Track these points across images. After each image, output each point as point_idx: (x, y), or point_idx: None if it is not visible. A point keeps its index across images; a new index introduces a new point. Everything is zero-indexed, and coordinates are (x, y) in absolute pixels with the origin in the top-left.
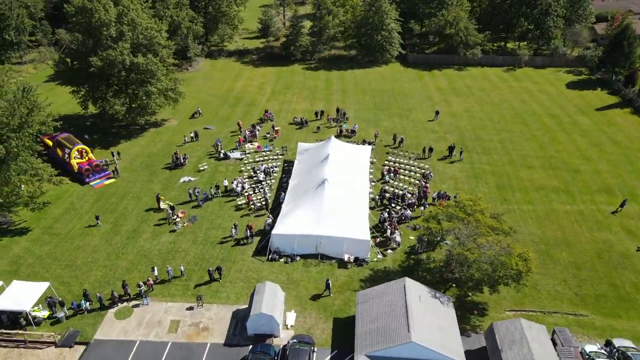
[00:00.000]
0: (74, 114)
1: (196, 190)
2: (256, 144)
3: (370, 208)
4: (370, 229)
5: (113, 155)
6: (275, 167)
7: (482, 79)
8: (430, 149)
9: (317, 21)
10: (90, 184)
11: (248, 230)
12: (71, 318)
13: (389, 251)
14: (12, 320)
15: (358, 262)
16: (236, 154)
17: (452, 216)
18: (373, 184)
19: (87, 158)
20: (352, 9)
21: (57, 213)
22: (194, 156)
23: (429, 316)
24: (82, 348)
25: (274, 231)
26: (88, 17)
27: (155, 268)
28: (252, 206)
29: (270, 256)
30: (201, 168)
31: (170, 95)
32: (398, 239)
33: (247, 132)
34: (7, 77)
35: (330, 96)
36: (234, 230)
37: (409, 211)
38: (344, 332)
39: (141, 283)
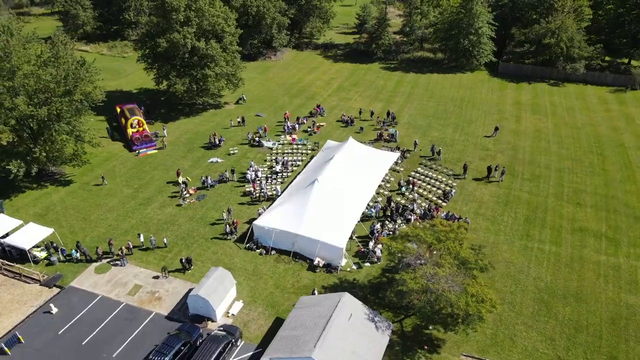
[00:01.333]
0: (155, 88)
1: (209, 179)
2: (294, 136)
3: (369, 217)
4: (354, 238)
5: (164, 129)
6: (299, 161)
7: (576, 98)
8: (465, 167)
9: (406, 20)
10: (136, 152)
11: (228, 226)
12: (63, 263)
13: (367, 264)
14: (20, 255)
15: (328, 268)
16: (269, 143)
17: (421, 239)
18: (386, 193)
19: (141, 129)
20: (444, 10)
21: (98, 172)
22: (233, 140)
23: (350, 337)
24: (57, 291)
25: (255, 221)
26: (162, 2)
27: (142, 235)
28: (256, 194)
29: (247, 245)
30: (231, 152)
31: (232, 80)
32: (379, 253)
33: (288, 124)
34: (70, 48)
35: (393, 98)
36: (225, 214)
37: (404, 227)
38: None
39: (123, 248)
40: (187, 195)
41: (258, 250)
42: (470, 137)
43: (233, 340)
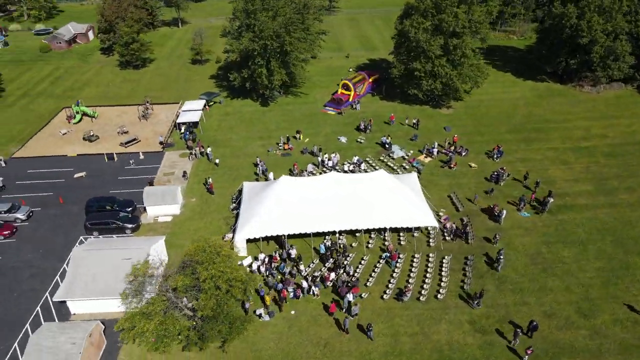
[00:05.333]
0: None
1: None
2: (426, 159)
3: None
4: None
5: (358, 103)
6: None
7: None
8: (480, 294)
9: None
10: (322, 107)
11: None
12: (184, 141)
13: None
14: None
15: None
16: (396, 148)
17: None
18: (370, 246)
19: (342, 92)
20: None
21: (284, 110)
22: (383, 132)
23: (110, 271)
24: (158, 151)
25: (245, 182)
26: None
27: (209, 148)
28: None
29: (234, 196)
30: (359, 140)
31: (450, 84)
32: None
33: (435, 145)
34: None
35: (592, 176)
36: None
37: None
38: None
39: (197, 148)
40: (281, 147)
41: (233, 205)
42: (606, 272)
43: (121, 224)
